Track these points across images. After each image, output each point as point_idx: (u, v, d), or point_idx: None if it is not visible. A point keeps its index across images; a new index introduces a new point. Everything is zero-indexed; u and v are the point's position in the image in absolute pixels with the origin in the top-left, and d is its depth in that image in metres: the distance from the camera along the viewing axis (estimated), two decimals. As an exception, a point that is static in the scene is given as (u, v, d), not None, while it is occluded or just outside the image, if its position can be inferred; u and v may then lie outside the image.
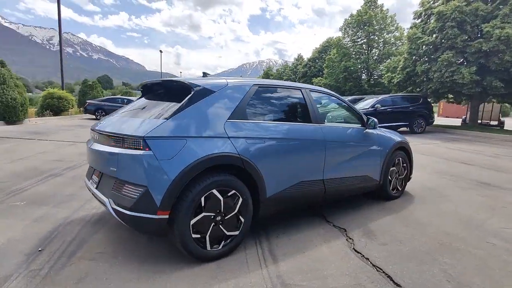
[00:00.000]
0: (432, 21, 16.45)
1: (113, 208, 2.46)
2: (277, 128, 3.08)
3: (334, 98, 3.97)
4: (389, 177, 4.37)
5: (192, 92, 2.72)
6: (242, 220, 2.80)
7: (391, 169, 4.39)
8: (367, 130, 4.03)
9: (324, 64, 32.87)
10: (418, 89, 17.52)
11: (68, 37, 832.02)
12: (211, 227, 2.60)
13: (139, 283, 2.30)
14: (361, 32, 29.23)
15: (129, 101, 17.87)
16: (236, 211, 2.74)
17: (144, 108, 2.95)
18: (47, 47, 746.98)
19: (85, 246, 2.85)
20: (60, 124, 14.45)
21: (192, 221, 2.49)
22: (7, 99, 12.84)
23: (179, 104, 2.64)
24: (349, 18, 29.71)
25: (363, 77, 30.13)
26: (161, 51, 43.06)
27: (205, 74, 3.42)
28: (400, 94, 15.95)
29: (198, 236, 2.54)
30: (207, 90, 2.78)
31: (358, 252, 2.88)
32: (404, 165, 4.62)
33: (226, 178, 2.66)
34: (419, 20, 18.12)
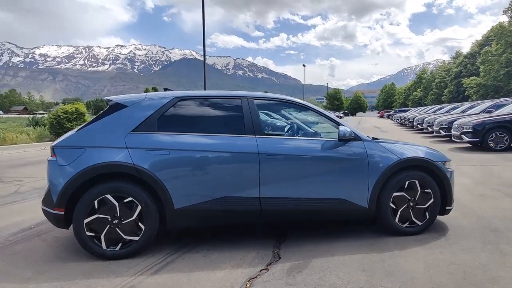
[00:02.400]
0: None
1: None
2: (189, 140, 3.03)
3: (297, 105, 3.45)
4: (392, 204, 3.35)
5: (107, 107, 3.10)
6: (143, 227, 2.93)
7: (395, 194, 3.35)
8: (350, 142, 3.27)
9: (478, 60, 25.99)
10: None
11: (239, 62, 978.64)
12: (106, 228, 2.87)
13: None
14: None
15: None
16: (134, 217, 2.90)
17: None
18: (224, 72, 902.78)
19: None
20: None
21: (86, 220, 2.84)
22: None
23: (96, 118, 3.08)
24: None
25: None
26: (304, 65, 44.95)
27: (165, 89, 3.71)
28: None
29: (93, 234, 2.87)
30: (119, 105, 3.09)
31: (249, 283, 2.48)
32: (427, 190, 3.42)
33: (121, 185, 2.88)
34: None
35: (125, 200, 2.88)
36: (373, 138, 3.57)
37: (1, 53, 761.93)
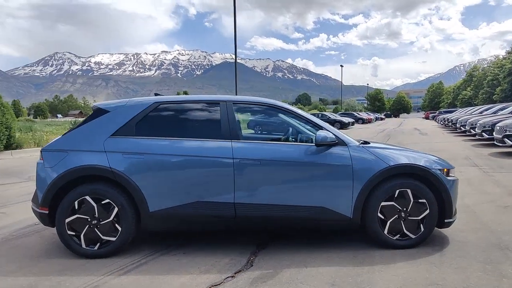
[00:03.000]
0: None
1: None
2: (164, 144, 3.07)
3: (277, 109, 3.34)
4: (380, 214, 3.12)
5: (91, 113, 3.25)
6: (119, 228, 3.02)
7: (384, 204, 3.11)
8: (333, 147, 3.11)
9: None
10: None
11: (278, 64, 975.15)
12: (85, 228, 3.00)
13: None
14: None
15: (323, 115, 20.53)
16: (111, 219, 3.00)
17: None
18: (264, 74, 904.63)
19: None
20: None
21: (67, 220, 2.99)
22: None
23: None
24: None
25: None
26: (341, 66, 43.48)
27: (156, 94, 3.81)
28: None
29: (73, 233, 3.02)
30: (101, 110, 3.22)
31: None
32: (421, 201, 3.13)
33: (99, 187, 3.00)
34: None
35: (102, 202, 2.99)
36: (363, 143, 3.36)
37: (63, 62, 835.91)
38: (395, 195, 3.11)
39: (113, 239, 3.02)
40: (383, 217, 3.12)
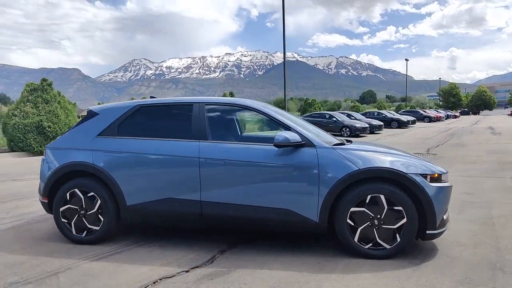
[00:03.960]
0: None
1: None
2: (139, 143, 3.29)
3: (246, 109, 3.34)
4: (350, 221, 2.94)
5: (85, 115, 3.64)
6: (102, 219, 3.34)
7: (353, 209, 2.92)
8: (299, 149, 3.02)
9: None
10: None
11: (342, 60, 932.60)
12: (75, 217, 3.39)
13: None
14: None
15: (331, 116, 18.70)
16: (95, 210, 3.33)
17: None
18: (326, 72, 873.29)
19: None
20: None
21: (61, 209, 3.41)
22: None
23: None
24: None
25: None
26: (406, 60, 39.89)
27: (152, 97, 4.09)
28: None
29: (66, 221, 3.42)
30: (93, 112, 3.58)
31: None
32: (397, 208, 2.86)
33: (86, 181, 3.35)
34: None
35: (88, 194, 3.34)
36: (338, 144, 3.18)
37: (139, 68, 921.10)
38: (366, 201, 2.90)
39: (97, 228, 3.36)
40: (353, 224, 2.93)
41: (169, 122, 3.49)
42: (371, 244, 2.93)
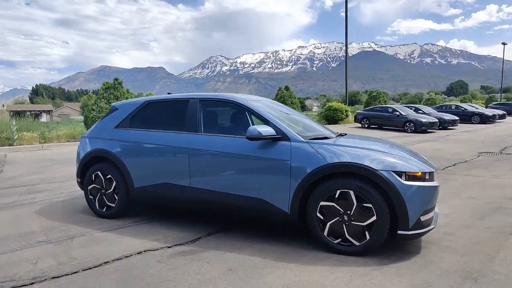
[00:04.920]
0: None
1: None
2: (144, 134, 3.78)
3: (234, 104, 3.53)
4: (319, 214, 2.97)
5: (110, 109, 4.28)
6: (116, 198, 3.95)
7: (323, 203, 2.95)
8: (274, 142, 3.15)
9: None
10: None
11: (427, 48, 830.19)
12: (98, 194, 4.06)
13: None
14: None
15: (394, 110, 17.12)
16: (111, 190, 3.95)
17: None
18: (408, 61, 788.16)
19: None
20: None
21: (89, 187, 4.12)
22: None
23: None
24: None
25: None
26: (504, 43, 33.75)
27: (168, 94, 4.59)
28: None
29: (92, 197, 4.12)
30: (114, 107, 4.19)
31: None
32: (366, 205, 2.81)
33: (104, 165, 3.99)
34: None
35: (107, 177, 3.98)
36: (320, 138, 3.22)
37: (216, 65, 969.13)
38: (336, 196, 2.89)
39: (113, 205, 3.98)
40: (322, 218, 2.96)
41: (169, 116, 3.91)
42: (340, 240, 2.93)
